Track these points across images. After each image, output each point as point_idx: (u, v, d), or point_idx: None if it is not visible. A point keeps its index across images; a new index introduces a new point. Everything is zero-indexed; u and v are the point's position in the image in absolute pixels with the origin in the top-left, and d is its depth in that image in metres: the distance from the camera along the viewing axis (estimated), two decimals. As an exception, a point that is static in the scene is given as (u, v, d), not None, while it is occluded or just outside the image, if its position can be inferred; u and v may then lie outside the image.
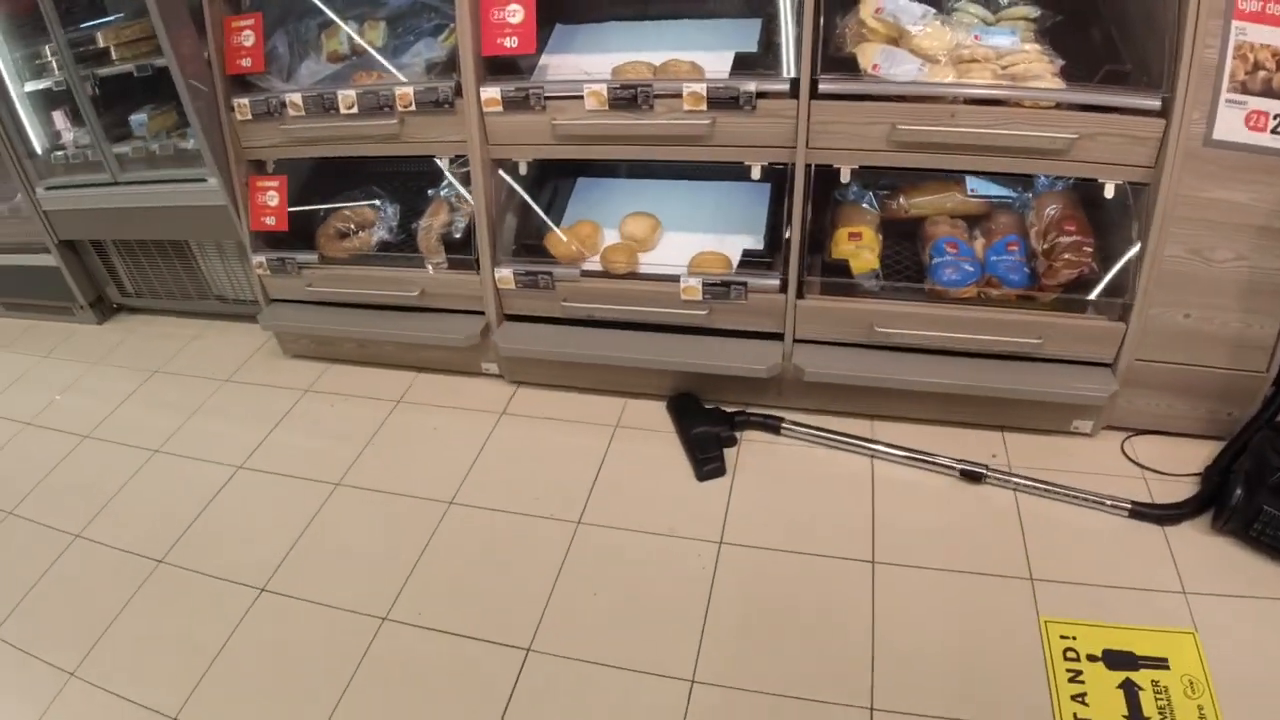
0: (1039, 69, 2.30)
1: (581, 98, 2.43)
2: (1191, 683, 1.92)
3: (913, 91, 2.26)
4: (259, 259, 3.02)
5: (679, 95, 2.35)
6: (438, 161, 2.86)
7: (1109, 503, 2.39)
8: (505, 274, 2.69)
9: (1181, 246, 2.31)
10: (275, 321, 3.16)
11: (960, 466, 2.45)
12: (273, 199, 2.93)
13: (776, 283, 2.51)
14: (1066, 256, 2.38)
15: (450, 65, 2.59)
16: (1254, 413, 2.49)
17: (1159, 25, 2.20)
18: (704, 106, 2.35)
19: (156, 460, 2.89)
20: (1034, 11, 2.46)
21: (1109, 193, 2.32)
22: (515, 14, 2.44)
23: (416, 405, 2.97)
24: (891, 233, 2.72)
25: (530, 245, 2.77)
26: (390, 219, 3.03)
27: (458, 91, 2.53)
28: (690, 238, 2.80)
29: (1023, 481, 2.44)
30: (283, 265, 2.98)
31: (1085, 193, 2.47)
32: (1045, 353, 2.45)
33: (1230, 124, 2.18)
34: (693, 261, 2.61)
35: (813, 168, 2.41)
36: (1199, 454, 2.57)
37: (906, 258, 2.68)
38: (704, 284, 2.53)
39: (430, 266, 2.82)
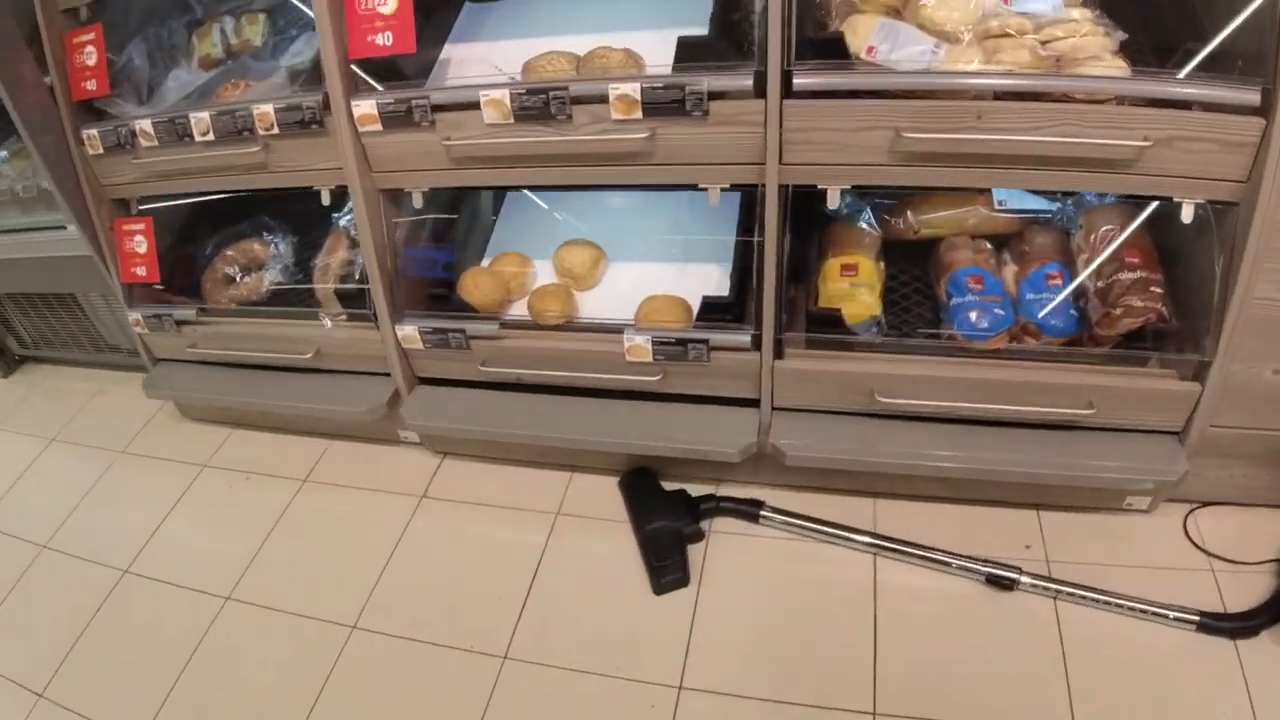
0: (1094, 45, 1.50)
1: (480, 107, 1.66)
2: None
3: (924, 85, 1.47)
4: (135, 315, 2.26)
5: (605, 99, 1.58)
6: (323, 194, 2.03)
7: (1173, 614, 1.66)
8: (409, 332, 1.93)
9: (1277, 286, 1.54)
10: (159, 388, 2.41)
11: (986, 570, 1.71)
12: (140, 245, 2.16)
13: (747, 339, 1.75)
14: (1130, 301, 1.60)
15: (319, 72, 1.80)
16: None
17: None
18: (639, 113, 1.57)
19: (43, 560, 2.17)
20: (1082, -36, 1.67)
21: (1186, 216, 1.54)
22: (387, 2, 1.66)
23: (324, 486, 2.21)
24: (897, 258, 1.95)
25: (437, 295, 2.00)
26: (284, 256, 2.26)
27: (326, 106, 1.77)
28: (643, 270, 2.03)
29: (1065, 589, 1.70)
30: (160, 322, 2.23)
31: (1149, 208, 1.69)
32: (1096, 421, 1.69)
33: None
34: (642, 310, 1.84)
35: (789, 190, 1.65)
36: (1276, 530, 1.83)
37: (916, 292, 1.92)
38: (654, 343, 1.77)
39: (327, 319, 2.07)
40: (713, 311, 1.77)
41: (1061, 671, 1.60)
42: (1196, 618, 1.68)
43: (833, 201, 1.60)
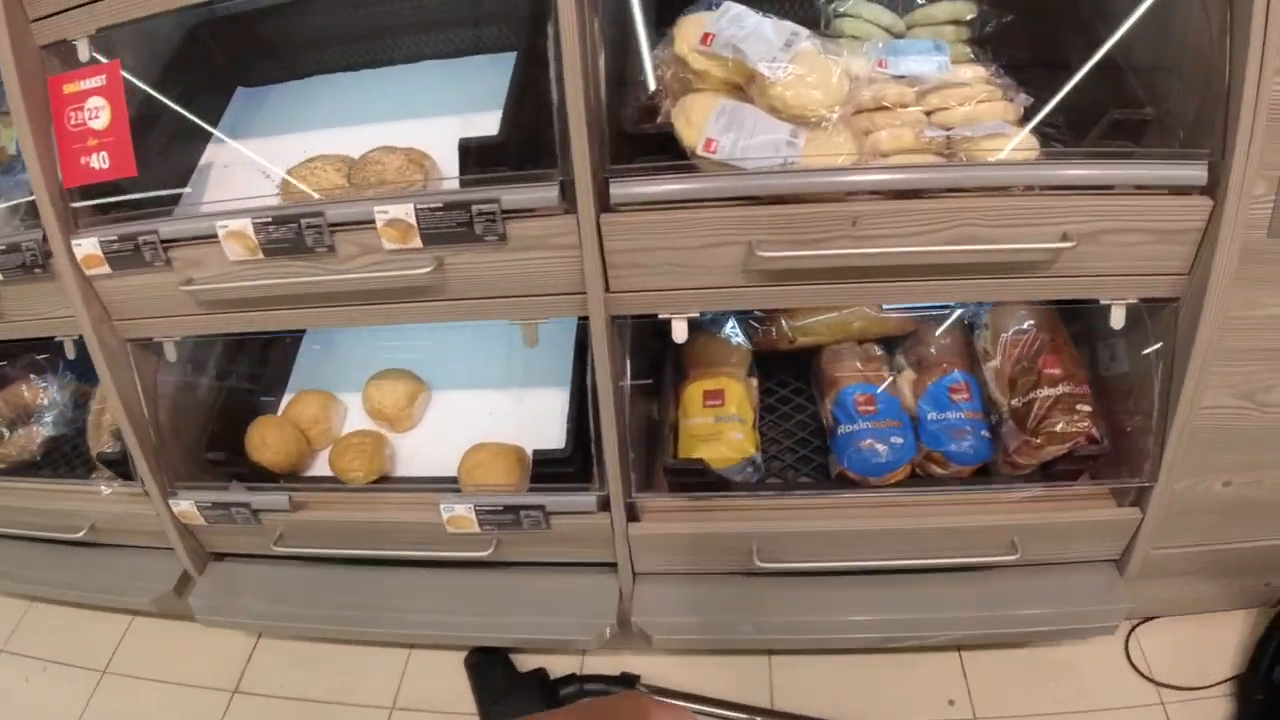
0: (993, 114, 1.12)
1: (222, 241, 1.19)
2: None
3: (779, 188, 1.07)
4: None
5: (373, 223, 1.14)
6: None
7: None
8: (185, 507, 1.44)
9: (1228, 392, 1.19)
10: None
11: None
12: None
13: (592, 502, 1.31)
14: (1052, 427, 1.22)
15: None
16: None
17: (1188, 39, 1.05)
18: (417, 241, 1.12)
19: None
20: (968, 9, 1.27)
21: (1116, 321, 1.16)
22: (98, 114, 1.19)
23: (125, 680, 1.67)
24: (773, 370, 1.53)
25: (216, 459, 1.47)
26: (61, 401, 1.74)
27: (47, 247, 1.26)
28: (473, 400, 1.57)
29: None
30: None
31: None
32: (1022, 562, 1.31)
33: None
34: (465, 466, 1.39)
35: (628, 322, 1.23)
36: (1226, 640, 1.48)
37: (799, 411, 1.50)
38: (479, 511, 1.31)
39: (104, 486, 1.57)
40: (548, 467, 1.33)
41: None
42: (1156, 779, 1.32)
43: (679, 335, 1.17)
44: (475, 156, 1.16)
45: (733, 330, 1.44)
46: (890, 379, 1.38)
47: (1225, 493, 1.30)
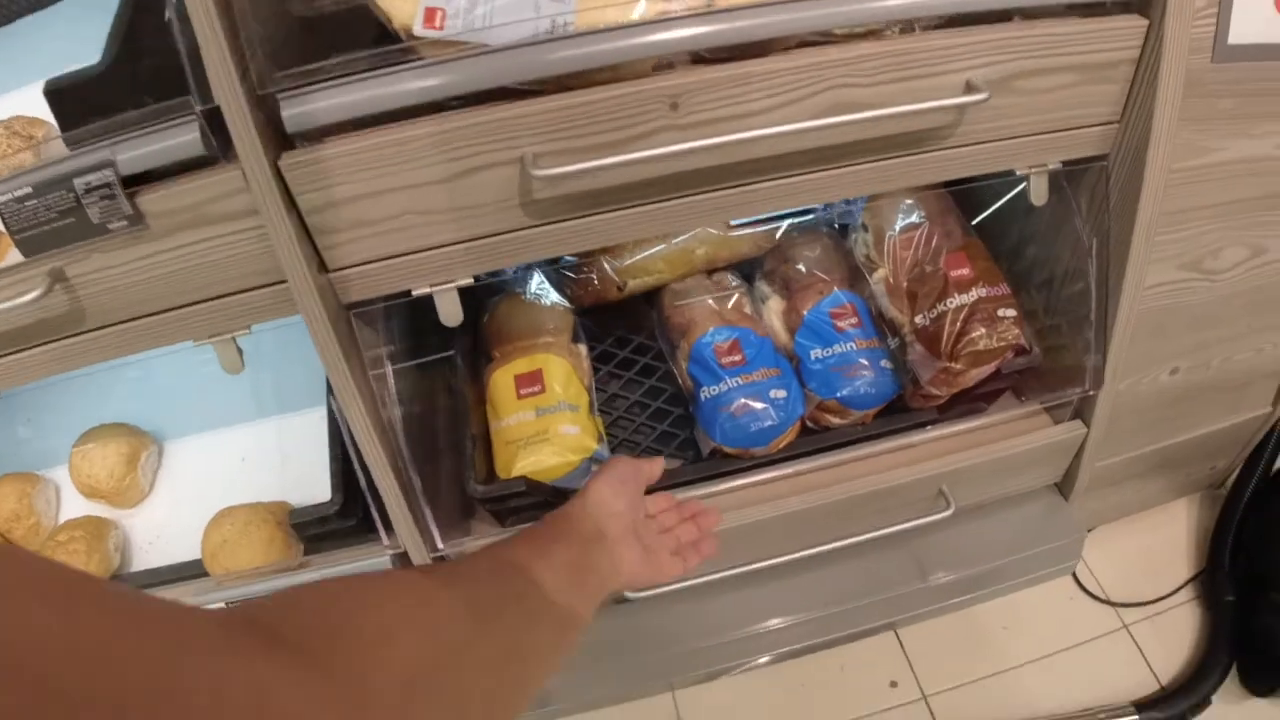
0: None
1: None
2: None
3: (553, 66, 0.67)
4: None
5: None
6: None
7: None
8: None
9: (1174, 264, 0.93)
10: None
11: None
12: None
13: (388, 563, 0.92)
14: (973, 346, 0.91)
15: None
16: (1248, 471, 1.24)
17: None
18: (15, 253, 0.68)
19: None
20: None
21: (1037, 195, 0.86)
22: None
23: None
24: (606, 328, 1.14)
25: None
26: None
27: None
28: (216, 446, 1.10)
29: None
30: None
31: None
32: (956, 511, 1.03)
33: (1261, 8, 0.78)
34: (207, 547, 0.93)
35: (379, 309, 0.82)
36: (1175, 535, 1.30)
37: (647, 380, 1.10)
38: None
39: None
40: (316, 528, 0.93)
41: None
42: (1134, 718, 1.11)
43: (449, 316, 0.79)
44: (73, 105, 0.71)
45: (540, 288, 1.06)
46: (753, 314, 1.04)
47: (1173, 382, 1.06)
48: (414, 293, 0.78)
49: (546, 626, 0.47)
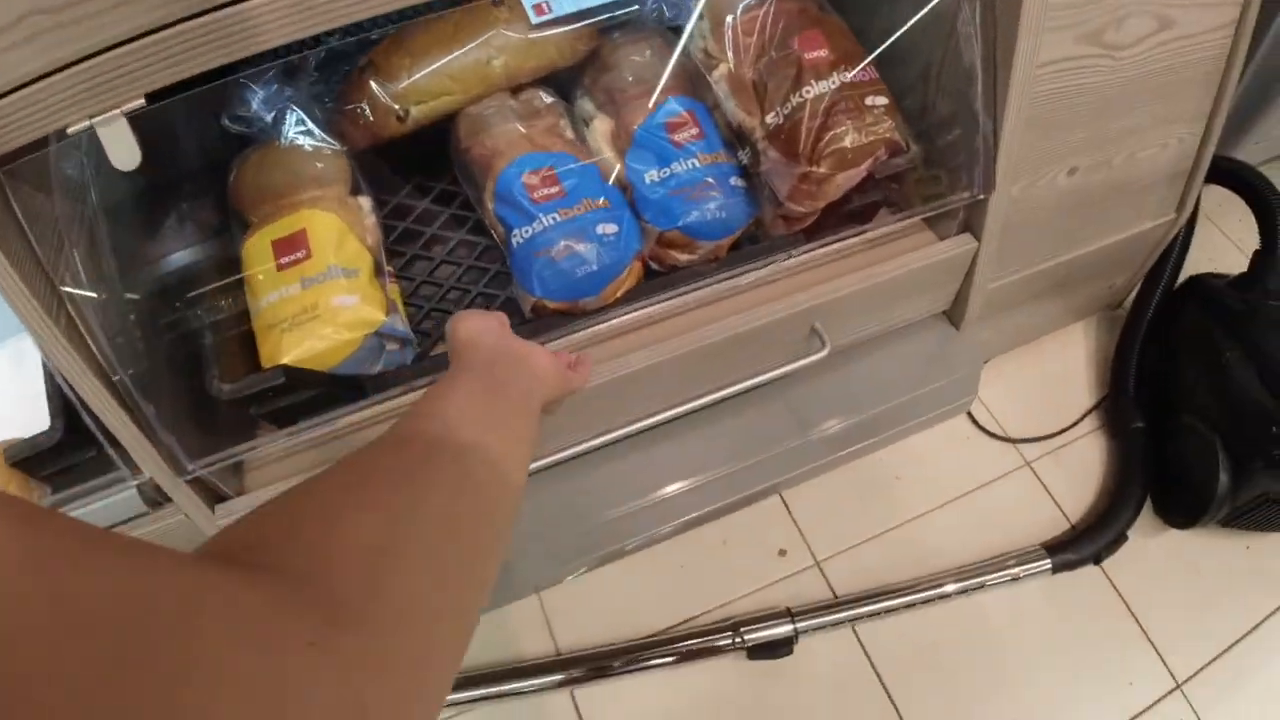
0: None
1: None
2: None
3: None
4: None
5: None
6: None
7: (1009, 573, 1.00)
8: None
9: (1071, 35, 0.74)
10: None
11: (739, 641, 0.92)
12: None
13: (134, 496, 0.70)
14: (839, 144, 0.71)
15: None
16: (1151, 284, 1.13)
17: None
18: None
19: None
20: None
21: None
22: None
23: None
24: (401, 173, 0.91)
25: None
26: None
27: None
28: None
29: (860, 609, 0.95)
30: None
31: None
32: (832, 351, 0.86)
33: None
34: None
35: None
36: (1073, 363, 1.19)
37: (455, 232, 0.88)
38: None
39: None
40: (38, 467, 0.70)
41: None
42: (1046, 562, 1.01)
43: (121, 157, 0.55)
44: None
45: (300, 129, 0.82)
46: (574, 138, 0.83)
47: (1070, 184, 0.90)
48: (69, 130, 0.55)
49: (484, 455, 0.42)
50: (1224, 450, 1.00)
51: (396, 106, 0.80)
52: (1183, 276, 1.14)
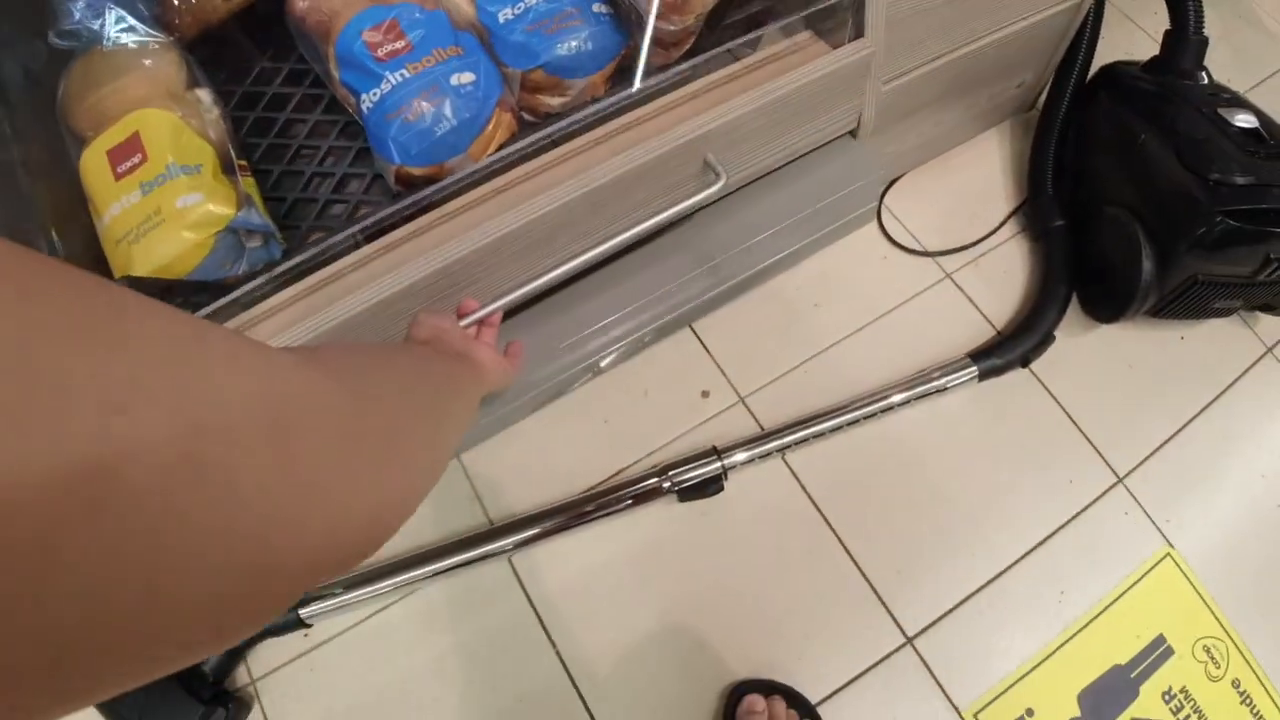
0: None
1: None
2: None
3: None
4: None
5: None
6: None
7: (936, 383, 0.97)
8: None
9: None
10: None
11: (669, 485, 0.88)
12: None
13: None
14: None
15: None
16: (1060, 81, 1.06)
17: None
18: None
19: None
20: None
21: None
22: None
23: None
24: (242, 60, 0.81)
25: None
26: None
27: None
28: None
29: (787, 437, 0.92)
30: None
31: None
32: (730, 184, 0.79)
33: None
34: None
35: None
36: (988, 172, 1.14)
37: (310, 114, 0.78)
38: None
39: None
40: None
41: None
42: (972, 369, 0.97)
43: None
44: None
45: (121, 28, 0.72)
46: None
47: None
48: None
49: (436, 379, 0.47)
50: (1146, 236, 0.95)
51: (212, -25, 0.70)
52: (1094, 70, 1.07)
